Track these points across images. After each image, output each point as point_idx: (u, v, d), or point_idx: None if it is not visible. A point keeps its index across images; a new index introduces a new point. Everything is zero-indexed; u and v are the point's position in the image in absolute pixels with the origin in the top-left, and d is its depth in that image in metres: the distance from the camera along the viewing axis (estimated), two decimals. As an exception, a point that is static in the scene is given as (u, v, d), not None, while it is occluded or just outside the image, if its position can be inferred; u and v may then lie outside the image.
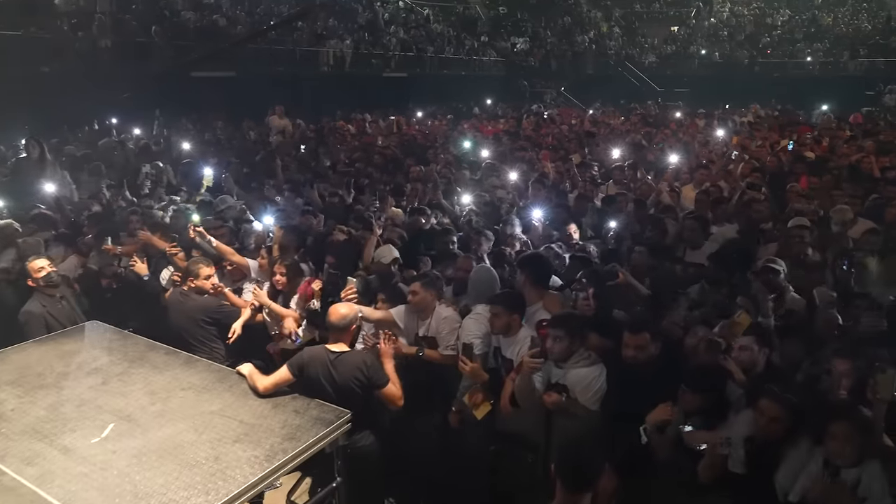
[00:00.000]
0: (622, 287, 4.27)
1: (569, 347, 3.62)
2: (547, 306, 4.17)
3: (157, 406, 3.70)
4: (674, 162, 9.86)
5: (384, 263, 4.99)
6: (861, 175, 8.97)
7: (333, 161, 10.11)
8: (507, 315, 3.92)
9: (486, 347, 4.12)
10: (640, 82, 34.57)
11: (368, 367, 3.93)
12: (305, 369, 3.89)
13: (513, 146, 12.37)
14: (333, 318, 3.92)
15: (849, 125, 18.31)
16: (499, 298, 4.01)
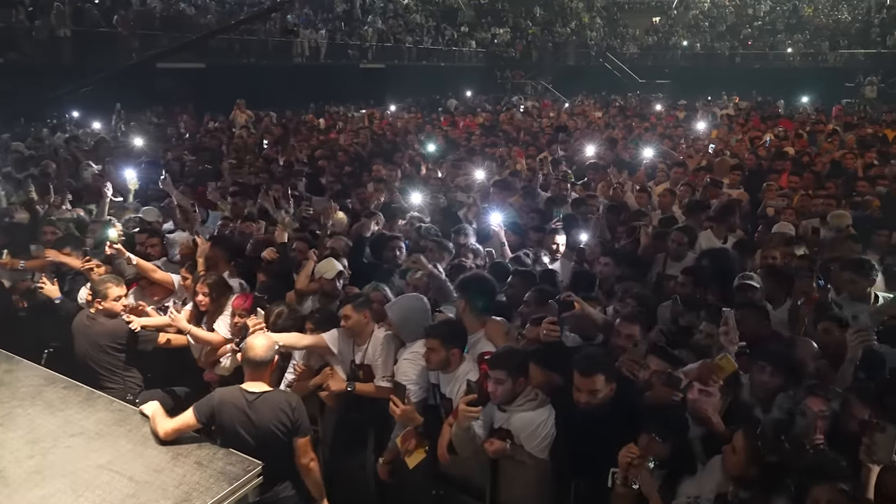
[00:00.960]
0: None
1: (512, 389, 3.15)
2: (490, 335, 3.66)
3: (35, 459, 3.17)
4: (648, 158, 9.40)
5: (327, 279, 4.45)
6: (843, 173, 8.58)
7: (288, 159, 9.50)
8: (445, 349, 3.43)
9: (424, 393, 3.63)
10: (622, 73, 34.22)
11: (294, 408, 3.44)
12: (218, 415, 3.37)
13: (485, 142, 11.86)
14: (249, 354, 3.41)
15: (830, 118, 18.09)
16: (435, 330, 3.50)
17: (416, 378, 3.60)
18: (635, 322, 3.70)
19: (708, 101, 25.48)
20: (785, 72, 30.47)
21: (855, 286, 4.39)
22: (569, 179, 8.18)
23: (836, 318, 3.70)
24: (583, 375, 3.01)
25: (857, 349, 3.18)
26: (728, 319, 3.24)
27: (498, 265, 4.79)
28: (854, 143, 11.81)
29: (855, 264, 4.54)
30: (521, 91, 32.08)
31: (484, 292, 3.70)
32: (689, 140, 12.18)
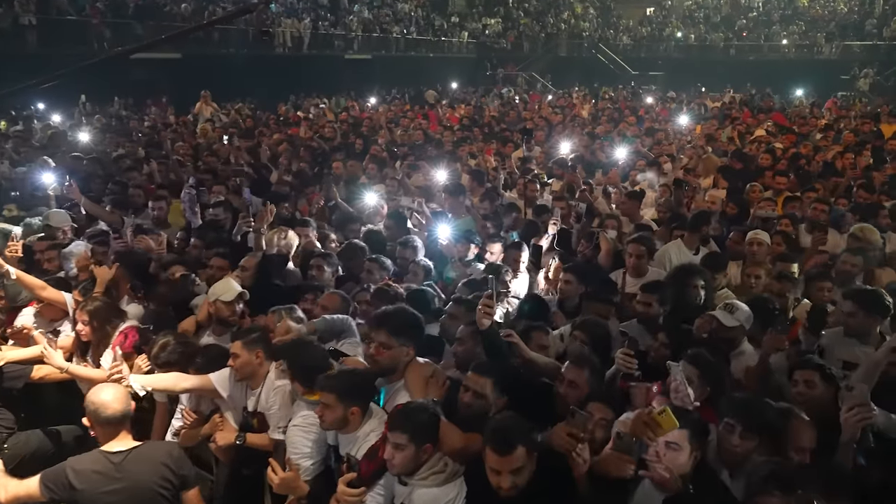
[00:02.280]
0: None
1: (415, 457, 2.55)
2: (408, 383, 2.98)
3: None
4: (622, 157, 8.75)
5: (223, 302, 3.75)
6: (835, 174, 7.98)
7: (219, 159, 8.73)
8: (342, 406, 2.80)
9: (320, 467, 3.01)
10: (615, 65, 33.58)
11: (176, 458, 2.87)
12: (75, 490, 2.75)
13: (460, 137, 11.20)
14: (100, 415, 2.79)
15: (825, 111, 17.50)
16: (329, 383, 2.83)
17: (311, 451, 2.97)
18: (582, 365, 3.11)
19: (701, 91, 24.93)
20: (780, 64, 29.90)
21: (856, 321, 3.64)
22: (539, 180, 7.56)
23: (820, 367, 3.04)
24: (498, 453, 2.39)
25: (855, 430, 2.48)
26: (676, 375, 2.64)
27: (418, 293, 4.10)
28: (852, 140, 11.21)
29: (862, 296, 3.70)
30: (513, 83, 31.39)
31: (406, 325, 3.08)
32: (671, 136, 11.52)
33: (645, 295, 4.00)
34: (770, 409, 2.61)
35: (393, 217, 5.73)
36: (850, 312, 3.63)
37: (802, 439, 2.65)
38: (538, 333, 3.58)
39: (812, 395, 2.99)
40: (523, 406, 2.93)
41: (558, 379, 3.13)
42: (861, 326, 3.62)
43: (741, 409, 2.57)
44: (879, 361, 2.87)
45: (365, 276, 4.63)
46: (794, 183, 7.83)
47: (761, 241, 5.08)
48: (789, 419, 2.67)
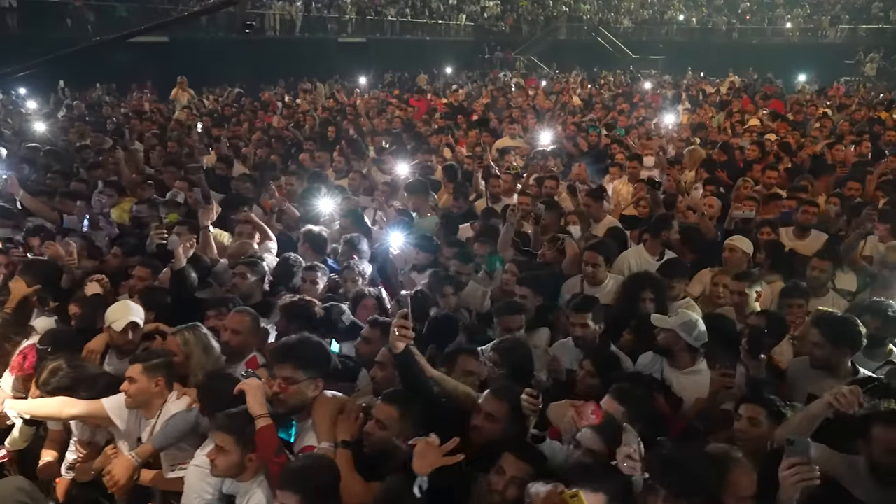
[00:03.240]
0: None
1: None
2: (317, 424, 2.64)
3: None
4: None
5: (115, 331, 3.33)
6: (825, 168, 7.56)
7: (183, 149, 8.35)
8: (240, 451, 2.48)
9: None
10: (615, 48, 32.92)
11: (29, 493, 2.57)
12: None
13: (442, 126, 10.76)
14: None
15: (827, 98, 16.95)
16: (226, 424, 2.51)
17: (212, 498, 2.64)
18: (502, 397, 2.77)
19: (700, 77, 24.34)
20: (783, 48, 29.29)
21: (822, 353, 3.24)
22: (513, 171, 7.17)
23: (767, 403, 2.72)
24: None
25: (794, 491, 2.09)
26: (630, 440, 2.27)
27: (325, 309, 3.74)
28: (848, 129, 10.75)
29: (830, 325, 3.29)
30: (510, 67, 30.80)
31: (312, 359, 2.71)
32: (661, 129, 11.05)
33: (577, 315, 3.63)
34: (701, 468, 2.26)
35: (349, 216, 5.34)
36: (816, 343, 3.28)
37: (741, 488, 2.33)
38: (465, 357, 3.21)
39: (756, 434, 2.68)
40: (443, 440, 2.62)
41: (475, 409, 2.78)
42: (828, 359, 3.27)
43: (665, 469, 2.22)
44: (817, 415, 2.53)
45: (307, 286, 4.25)
46: (783, 178, 7.44)
47: (735, 248, 4.69)
48: (726, 466, 2.33)
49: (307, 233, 4.83)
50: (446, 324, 3.73)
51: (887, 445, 2.46)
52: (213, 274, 4.27)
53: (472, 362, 3.20)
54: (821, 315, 3.39)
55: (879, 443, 2.48)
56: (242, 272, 4.02)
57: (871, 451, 2.51)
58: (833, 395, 2.46)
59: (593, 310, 3.64)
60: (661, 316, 3.43)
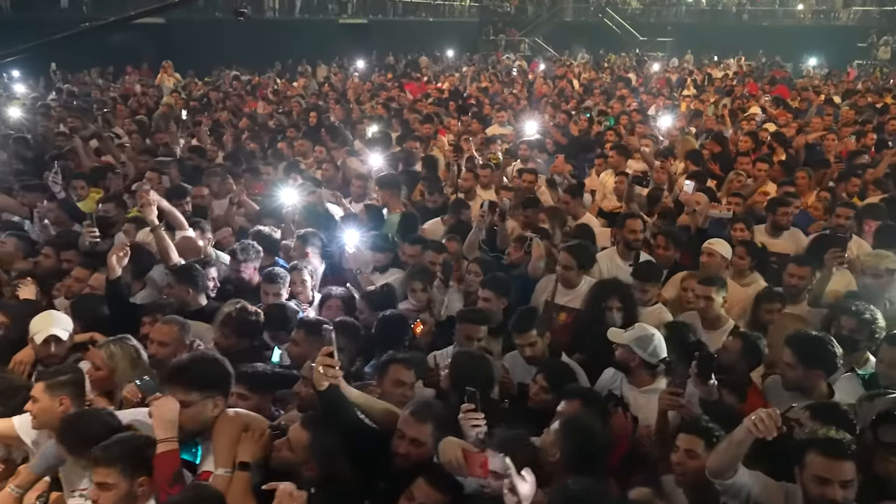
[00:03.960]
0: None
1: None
2: (216, 446, 2.44)
3: None
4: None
5: (36, 343, 3.16)
6: (820, 161, 7.27)
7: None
8: (127, 481, 2.27)
9: None
10: (622, 30, 32.27)
11: None
12: None
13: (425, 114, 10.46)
14: None
15: (833, 84, 16.48)
16: (108, 454, 2.29)
17: None
18: (425, 419, 2.59)
19: (714, 60, 23.78)
20: (794, 30, 28.60)
21: (794, 374, 3.05)
22: (493, 163, 6.93)
23: (706, 433, 2.52)
24: None
25: None
26: (507, 468, 2.06)
27: (274, 309, 3.56)
28: (851, 118, 10.38)
29: (803, 345, 3.09)
30: (515, 49, 30.32)
31: (205, 379, 2.51)
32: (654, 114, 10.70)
33: (521, 336, 3.43)
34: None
35: (307, 214, 5.13)
36: (789, 363, 3.09)
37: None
38: (397, 366, 3.02)
39: (693, 467, 2.49)
40: (365, 467, 2.47)
41: (397, 434, 2.61)
42: (800, 381, 3.08)
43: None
44: (741, 441, 2.34)
45: (270, 299, 4.03)
46: (777, 171, 7.15)
47: (713, 253, 4.45)
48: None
49: (256, 234, 4.63)
50: (396, 325, 3.55)
51: (818, 474, 2.29)
52: (148, 279, 4.09)
53: (403, 372, 3.03)
54: (794, 334, 3.18)
55: (810, 471, 2.31)
56: (176, 277, 3.83)
57: (804, 480, 2.34)
58: (752, 420, 2.28)
59: (536, 324, 3.46)
60: (617, 330, 3.23)
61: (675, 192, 6.73)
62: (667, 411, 2.87)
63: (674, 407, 2.79)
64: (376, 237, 4.72)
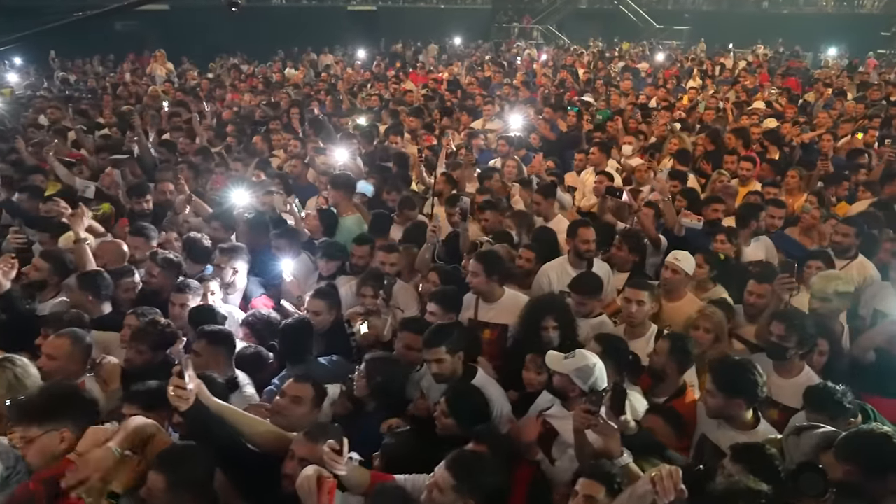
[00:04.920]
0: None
1: None
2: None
3: None
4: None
5: None
6: (815, 160, 6.89)
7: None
8: None
9: None
10: (638, 18, 31.53)
11: None
12: None
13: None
14: None
15: (849, 75, 15.82)
16: None
17: None
18: (318, 441, 2.42)
19: (729, 49, 23.11)
20: (816, 18, 27.73)
21: (715, 402, 2.86)
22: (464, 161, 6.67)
23: (608, 479, 2.29)
24: None
25: None
26: None
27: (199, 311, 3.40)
28: (852, 112, 9.90)
29: (721, 371, 2.92)
30: (528, 37, 29.78)
31: (47, 410, 2.35)
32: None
33: (429, 351, 3.22)
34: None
35: (250, 223, 4.86)
36: (709, 391, 2.87)
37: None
38: (292, 383, 2.92)
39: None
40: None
41: (288, 455, 2.46)
42: (721, 409, 2.85)
43: None
44: (642, 496, 2.12)
45: (176, 310, 3.85)
46: (766, 170, 6.81)
47: (676, 269, 4.16)
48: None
49: (187, 240, 4.46)
50: (298, 332, 3.38)
51: None
52: (64, 286, 3.93)
53: (298, 388, 2.90)
54: (716, 360, 2.94)
55: None
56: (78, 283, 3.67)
57: None
58: (651, 478, 2.08)
59: (448, 341, 3.23)
60: (556, 355, 2.98)
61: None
62: (579, 432, 2.63)
63: (589, 425, 2.54)
64: (324, 244, 4.53)
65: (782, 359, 3.28)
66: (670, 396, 3.25)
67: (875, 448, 2.32)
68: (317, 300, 3.91)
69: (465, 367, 3.35)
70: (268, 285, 4.47)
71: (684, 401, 3.20)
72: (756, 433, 2.86)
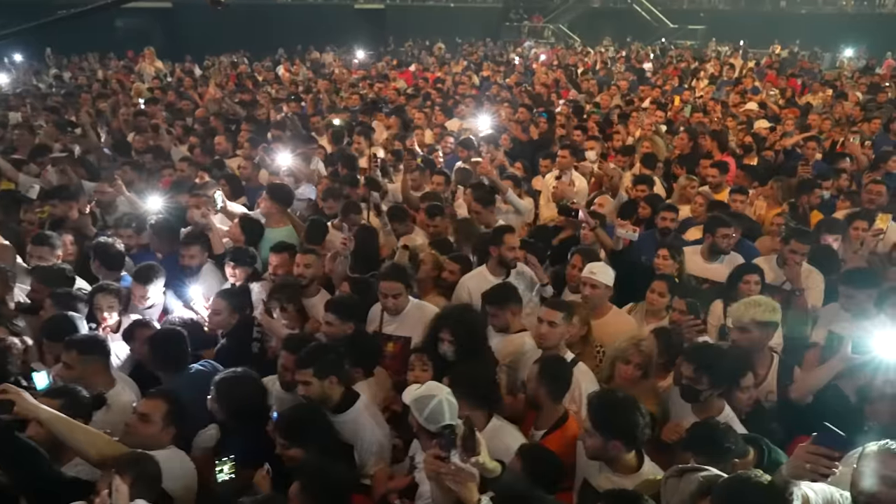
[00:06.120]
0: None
1: None
2: None
3: None
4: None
5: None
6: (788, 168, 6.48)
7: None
8: None
9: None
10: (651, 17, 30.92)
11: None
12: None
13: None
14: None
15: (869, 75, 15.19)
16: None
17: None
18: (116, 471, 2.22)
19: (738, 49, 22.49)
20: (835, 18, 26.91)
21: (592, 442, 2.58)
22: (421, 167, 6.37)
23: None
24: None
25: None
26: None
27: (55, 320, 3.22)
28: (859, 116, 9.43)
29: (596, 408, 2.62)
30: (538, 36, 29.38)
31: None
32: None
33: (300, 372, 2.99)
34: None
35: (156, 229, 4.65)
36: (587, 429, 2.57)
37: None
38: (146, 401, 2.79)
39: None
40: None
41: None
42: (599, 451, 2.54)
43: None
44: None
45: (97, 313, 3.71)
46: (741, 177, 6.41)
47: (596, 284, 3.85)
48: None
49: (96, 246, 4.25)
50: (168, 342, 3.24)
51: None
52: None
53: (147, 404, 2.79)
54: (595, 396, 2.62)
55: None
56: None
57: None
58: None
59: (318, 365, 2.98)
60: (412, 387, 2.67)
61: (619, 197, 6.17)
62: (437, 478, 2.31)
63: (439, 472, 2.22)
64: (233, 249, 4.28)
65: (695, 401, 2.96)
66: (549, 428, 2.94)
67: (744, 498, 2.00)
68: (218, 299, 3.88)
69: (346, 392, 3.09)
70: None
71: (565, 433, 2.88)
72: (640, 476, 2.55)
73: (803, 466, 2.00)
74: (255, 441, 2.90)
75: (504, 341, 3.64)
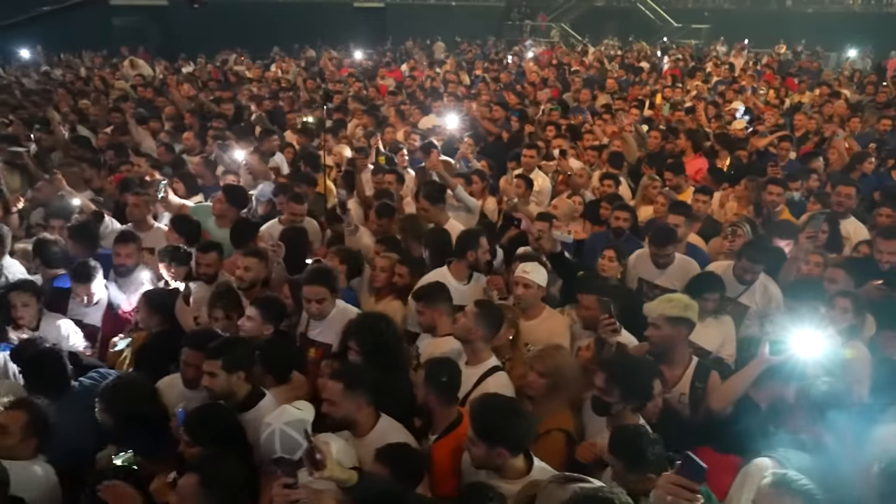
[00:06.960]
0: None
1: None
2: None
3: None
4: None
5: None
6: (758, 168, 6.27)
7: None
8: None
9: None
10: (655, 15, 30.60)
11: None
12: None
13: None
14: None
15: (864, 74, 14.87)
16: None
17: None
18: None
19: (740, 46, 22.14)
20: (841, 17, 26.47)
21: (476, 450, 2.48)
22: (385, 168, 6.22)
23: None
24: None
25: None
26: None
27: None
28: (846, 112, 9.19)
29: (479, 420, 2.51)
30: (541, 35, 29.14)
31: None
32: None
33: (208, 362, 2.94)
34: None
35: (73, 231, 4.49)
36: (470, 438, 2.50)
37: None
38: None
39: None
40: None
41: None
42: (483, 460, 2.47)
43: None
44: None
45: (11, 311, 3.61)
46: (707, 179, 6.22)
47: (528, 283, 3.69)
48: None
49: (36, 243, 4.14)
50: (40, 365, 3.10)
51: None
52: None
53: (6, 415, 2.70)
54: (477, 402, 2.49)
55: None
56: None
57: None
58: None
59: (228, 357, 2.88)
60: (287, 407, 2.55)
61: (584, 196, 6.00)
62: None
63: (291, 501, 2.09)
64: (166, 248, 4.18)
65: (607, 414, 2.79)
66: (441, 432, 2.81)
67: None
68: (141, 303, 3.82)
69: (253, 390, 2.99)
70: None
71: (458, 436, 2.71)
72: (529, 478, 2.42)
73: (664, 498, 1.84)
74: (154, 443, 2.80)
75: (431, 345, 3.50)
